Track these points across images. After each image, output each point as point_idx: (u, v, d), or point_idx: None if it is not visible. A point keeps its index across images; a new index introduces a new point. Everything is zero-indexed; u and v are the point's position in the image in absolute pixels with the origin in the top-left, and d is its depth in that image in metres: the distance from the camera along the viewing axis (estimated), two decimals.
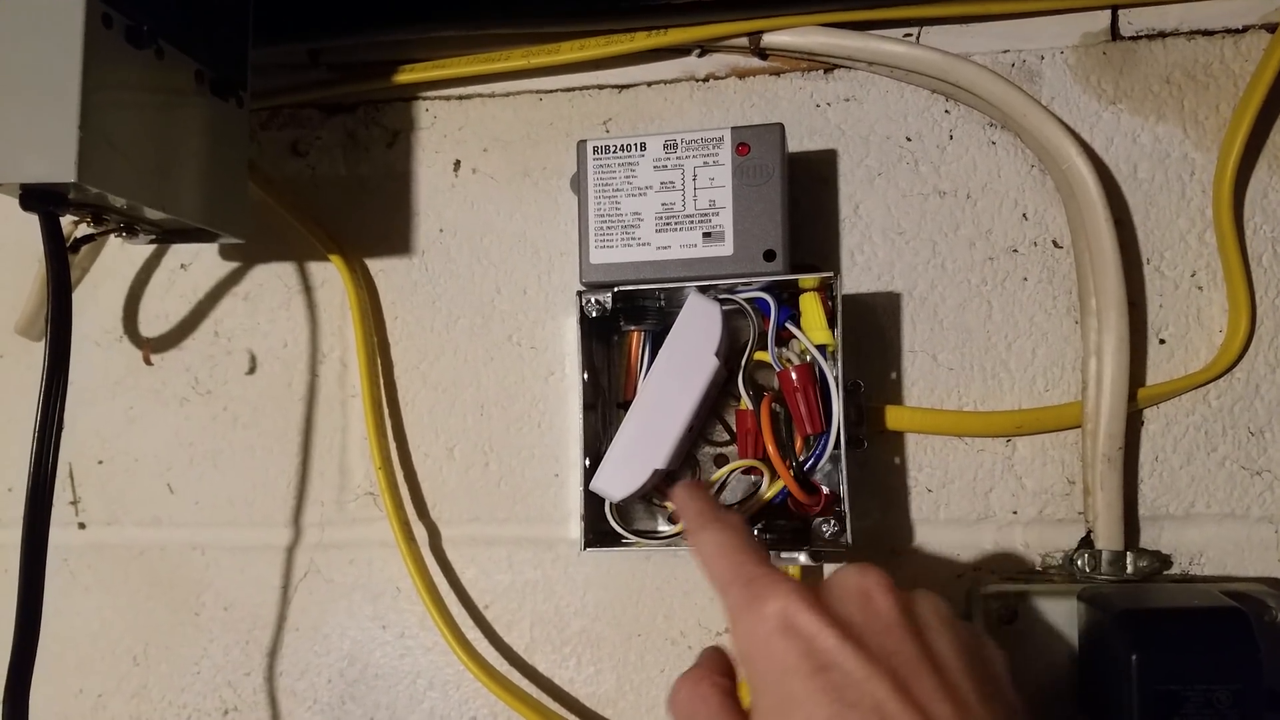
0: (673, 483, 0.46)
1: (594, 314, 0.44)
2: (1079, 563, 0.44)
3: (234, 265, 0.54)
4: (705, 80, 0.50)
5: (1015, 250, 0.47)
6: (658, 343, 0.44)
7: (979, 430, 0.46)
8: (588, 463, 0.43)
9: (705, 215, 0.43)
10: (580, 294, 0.43)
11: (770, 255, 0.42)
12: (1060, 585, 0.43)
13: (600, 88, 0.51)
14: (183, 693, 0.53)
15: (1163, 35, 0.46)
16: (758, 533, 0.43)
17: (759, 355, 0.43)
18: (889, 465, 0.47)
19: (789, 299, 0.43)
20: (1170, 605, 0.39)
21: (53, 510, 0.39)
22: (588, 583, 0.49)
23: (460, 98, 0.52)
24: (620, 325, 0.46)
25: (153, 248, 0.55)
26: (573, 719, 0.48)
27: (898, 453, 0.47)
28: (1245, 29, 0.46)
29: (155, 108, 0.41)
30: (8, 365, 0.56)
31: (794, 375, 0.42)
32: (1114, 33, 0.47)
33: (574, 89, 0.51)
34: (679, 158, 0.43)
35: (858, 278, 0.47)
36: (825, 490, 0.43)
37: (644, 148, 0.44)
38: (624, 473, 0.42)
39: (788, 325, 0.43)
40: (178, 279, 0.54)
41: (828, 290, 0.42)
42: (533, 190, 0.51)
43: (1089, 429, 0.44)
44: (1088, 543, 0.44)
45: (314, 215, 0.52)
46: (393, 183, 0.52)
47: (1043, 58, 0.47)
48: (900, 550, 0.46)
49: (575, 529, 0.43)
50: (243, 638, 0.52)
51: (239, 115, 0.46)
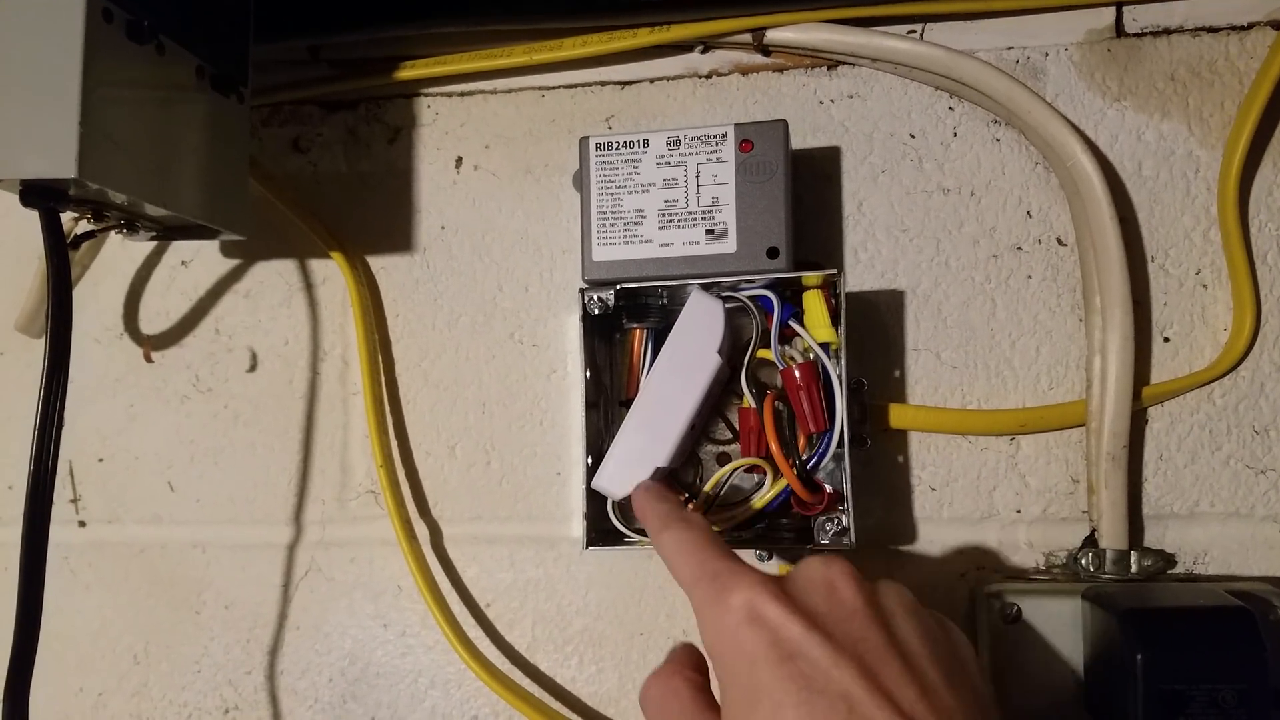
0: (676, 480, 0.46)
1: (596, 311, 0.43)
2: (1083, 562, 0.44)
3: (235, 262, 0.54)
4: (708, 77, 0.50)
5: (1019, 248, 0.46)
6: (660, 340, 0.44)
7: (983, 429, 0.46)
8: (590, 461, 0.43)
9: (708, 212, 0.43)
10: (582, 291, 0.43)
11: (774, 252, 0.42)
12: (1064, 584, 0.43)
13: (603, 84, 0.51)
14: (183, 691, 0.53)
15: (1167, 32, 0.46)
16: (761, 533, 0.43)
17: (762, 353, 0.43)
18: (892, 464, 0.46)
19: (792, 296, 0.43)
20: (1175, 604, 0.39)
21: (53, 508, 0.39)
22: (590, 581, 0.49)
23: (462, 94, 0.52)
24: (623, 323, 0.46)
25: (153, 244, 0.54)
26: (575, 718, 0.48)
27: (901, 451, 0.47)
28: (1250, 26, 0.46)
29: (156, 103, 0.40)
30: (8, 362, 0.56)
31: (797, 373, 0.42)
32: (1118, 29, 0.47)
33: (576, 85, 0.51)
34: (682, 154, 0.43)
35: (861, 275, 0.47)
36: (828, 489, 0.43)
37: (647, 144, 0.44)
38: (626, 471, 0.41)
39: (791, 323, 0.43)
40: (178, 276, 0.54)
41: (831, 288, 0.42)
42: (535, 187, 0.51)
43: (1093, 427, 0.44)
44: (1092, 542, 0.44)
45: (315, 212, 0.52)
46: (394, 180, 0.52)
47: (1047, 54, 0.47)
48: (903, 549, 0.46)
49: (577, 527, 0.43)
50: (244, 636, 0.52)
51: (240, 111, 0.46)
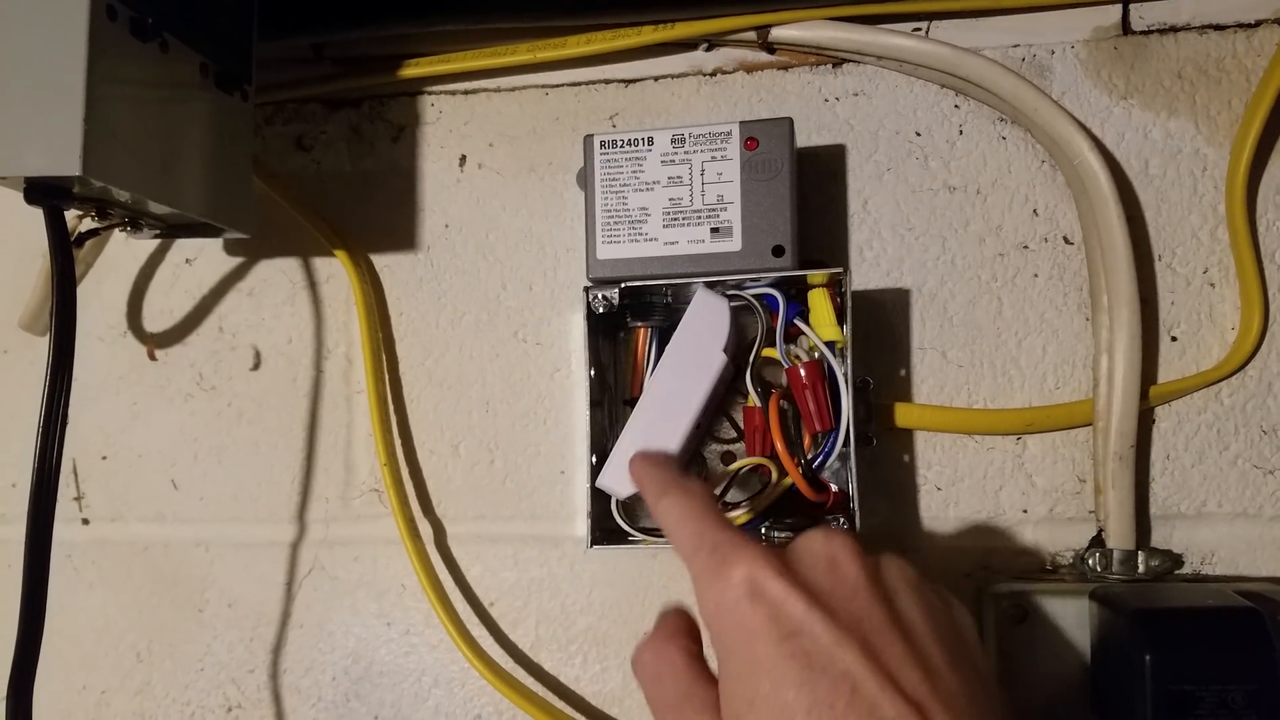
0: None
1: (600, 310, 0.43)
2: (1090, 562, 0.43)
3: (238, 260, 0.54)
4: (712, 75, 0.50)
5: (1026, 246, 0.46)
6: (664, 339, 0.44)
7: (989, 428, 0.45)
8: (594, 460, 0.43)
9: (713, 210, 0.43)
10: (587, 290, 0.43)
11: (779, 251, 0.42)
12: (1071, 584, 0.43)
13: (607, 82, 0.51)
14: (186, 690, 0.52)
15: (1174, 30, 0.46)
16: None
17: (767, 352, 0.43)
18: (898, 463, 0.46)
19: (797, 295, 0.43)
20: (1184, 605, 0.38)
21: (57, 506, 0.39)
22: (593, 580, 0.49)
23: (466, 92, 0.52)
24: (627, 321, 0.46)
25: (157, 243, 0.54)
26: (578, 717, 0.48)
27: (907, 450, 0.46)
28: (1258, 23, 0.45)
29: (160, 101, 0.40)
30: (11, 360, 0.56)
31: (802, 372, 0.42)
32: (1125, 27, 0.46)
33: (580, 83, 0.51)
34: (687, 152, 0.43)
35: (867, 274, 0.47)
36: (834, 488, 0.43)
37: (651, 142, 0.43)
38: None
39: (796, 321, 0.42)
40: (182, 274, 0.54)
41: (836, 286, 0.42)
42: (539, 185, 0.51)
43: (1100, 427, 0.44)
44: (1099, 542, 0.44)
45: (319, 210, 0.52)
46: (398, 178, 0.52)
47: (1053, 52, 0.47)
48: (909, 549, 0.46)
49: (581, 526, 0.43)
50: (247, 635, 0.52)
51: (244, 109, 0.46)
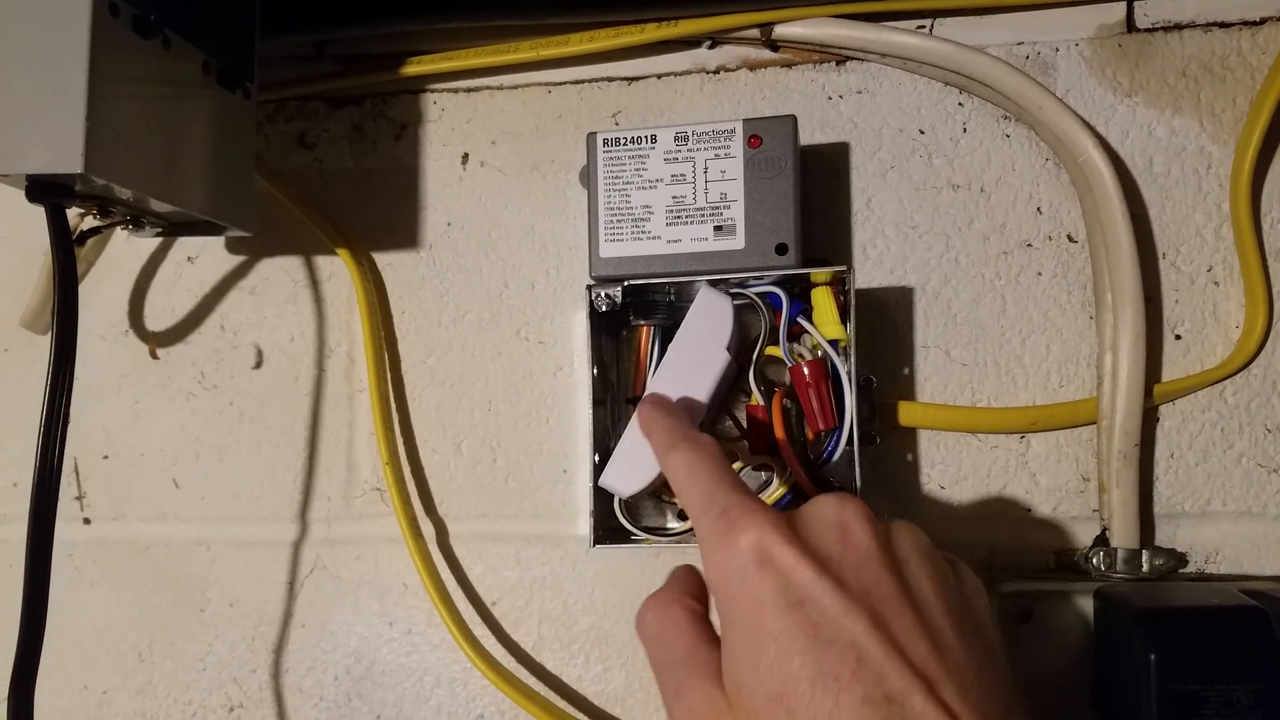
0: None
1: (603, 308, 0.43)
2: (1094, 560, 0.43)
3: (240, 259, 0.53)
4: (716, 72, 0.49)
5: (1030, 245, 0.46)
6: (667, 337, 0.44)
7: (993, 426, 0.45)
8: (596, 458, 0.43)
9: (716, 208, 0.43)
10: (589, 288, 0.43)
11: (782, 249, 0.42)
12: (1075, 583, 0.43)
13: (610, 80, 0.50)
14: (188, 689, 0.52)
15: (1179, 27, 0.46)
16: None
17: (770, 350, 0.43)
18: (902, 462, 0.46)
19: (801, 293, 0.43)
20: (1189, 604, 0.38)
21: (58, 505, 0.39)
22: (596, 579, 0.49)
23: (468, 90, 0.52)
24: (630, 320, 0.46)
25: (159, 241, 0.54)
26: (581, 717, 0.48)
27: (910, 449, 0.46)
28: (1263, 21, 0.45)
29: (162, 99, 0.40)
30: (13, 359, 0.56)
31: (806, 370, 0.42)
32: (1129, 24, 0.46)
33: (583, 81, 0.51)
34: (690, 150, 0.43)
35: (870, 272, 0.47)
36: (837, 487, 0.42)
37: (654, 140, 0.43)
38: (633, 469, 0.41)
39: (799, 320, 0.42)
40: (184, 272, 0.54)
41: (840, 284, 0.42)
42: (541, 183, 0.51)
43: (1104, 425, 0.43)
44: (1103, 540, 0.44)
45: (321, 209, 0.52)
46: (400, 176, 0.52)
47: (1057, 50, 0.46)
48: None
49: (584, 525, 0.43)
50: (248, 634, 0.52)
51: (246, 107, 0.46)
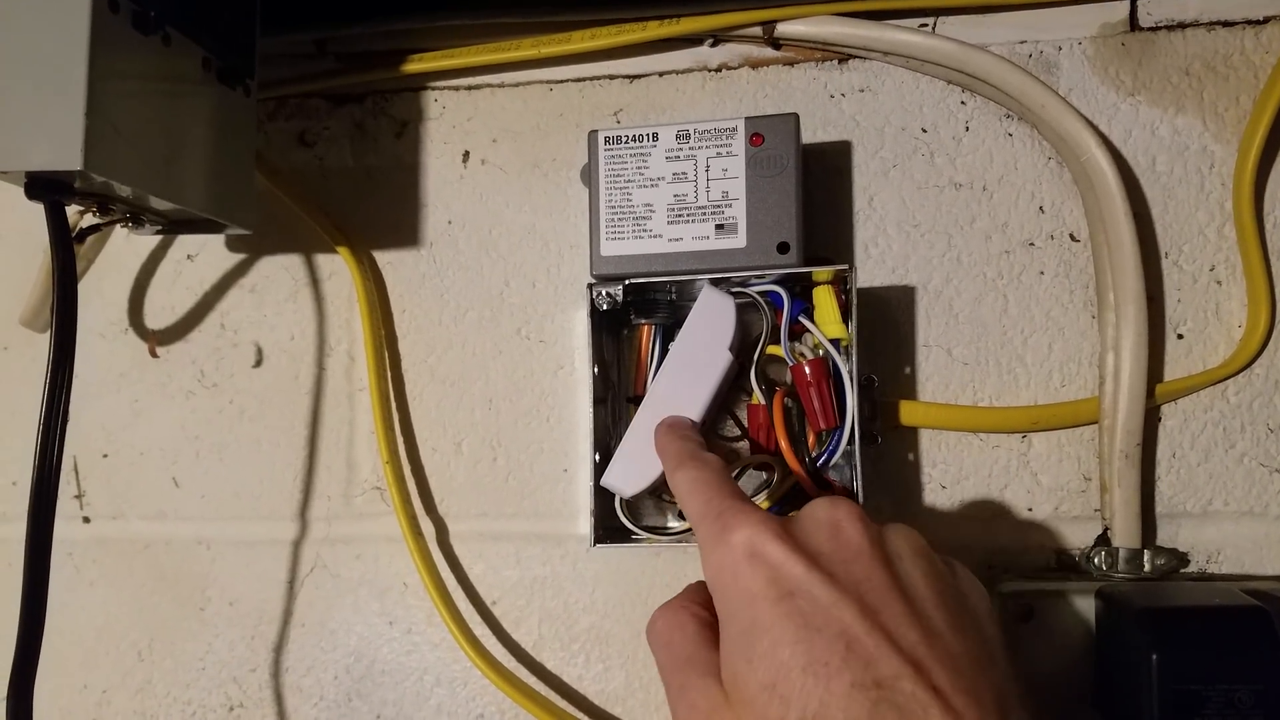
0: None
1: (604, 307, 0.43)
2: (1095, 560, 0.43)
3: (240, 257, 0.53)
4: (718, 70, 0.49)
5: (1032, 244, 0.46)
6: (668, 336, 0.44)
7: (994, 426, 0.45)
8: (597, 458, 0.43)
9: (718, 207, 0.42)
10: (590, 287, 0.43)
11: (784, 248, 0.42)
12: (1077, 583, 0.43)
13: (611, 78, 0.50)
14: (188, 689, 0.52)
15: (1182, 26, 0.46)
16: None
17: (771, 349, 0.43)
18: (903, 461, 0.46)
19: (802, 292, 0.43)
20: (1190, 604, 0.38)
21: (57, 504, 0.39)
22: (597, 579, 0.49)
23: (469, 88, 0.52)
24: (630, 318, 0.45)
25: (158, 239, 0.54)
26: (581, 717, 0.48)
27: (912, 448, 0.46)
28: (1266, 20, 0.45)
29: (162, 95, 0.40)
30: (12, 357, 0.56)
31: (807, 370, 0.41)
32: (1133, 23, 0.46)
33: (585, 79, 0.50)
34: (692, 148, 0.43)
35: (872, 271, 0.47)
36: (838, 486, 0.42)
37: (656, 138, 0.43)
38: (634, 468, 0.41)
39: (801, 319, 0.42)
40: (184, 270, 0.54)
41: (842, 283, 0.42)
42: (542, 181, 0.51)
43: (1106, 425, 0.43)
44: (1104, 540, 0.44)
45: (321, 206, 0.52)
46: (401, 174, 0.52)
47: (1060, 48, 0.46)
48: None
49: (584, 525, 0.43)
50: (248, 633, 0.52)
51: (246, 104, 0.46)
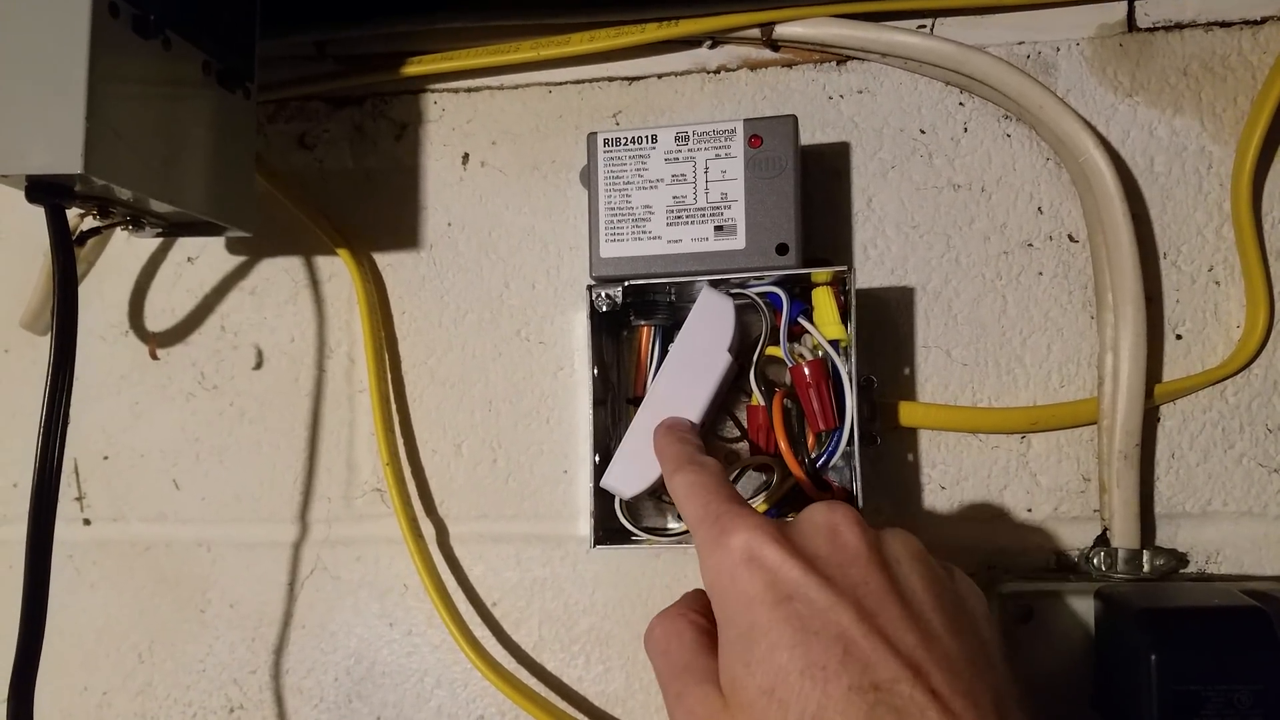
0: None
1: (604, 308, 0.43)
2: (1095, 561, 0.43)
3: (240, 259, 0.53)
4: (716, 72, 0.49)
5: (1030, 244, 0.46)
6: (668, 338, 0.44)
7: (993, 427, 0.45)
8: (597, 459, 0.43)
9: (717, 208, 0.42)
10: (590, 288, 0.43)
11: (783, 249, 0.42)
12: (1076, 584, 0.43)
13: (610, 80, 0.50)
14: (188, 690, 0.52)
15: (1180, 27, 0.46)
16: None
17: (771, 350, 0.43)
18: (902, 462, 0.46)
19: (801, 293, 0.43)
20: (1190, 604, 0.38)
21: (58, 506, 0.39)
22: (597, 580, 0.49)
23: (469, 90, 0.52)
24: (630, 320, 0.46)
25: (159, 241, 0.54)
26: (581, 718, 0.48)
27: (911, 449, 0.46)
28: (1264, 20, 0.45)
29: (162, 99, 0.40)
30: (12, 360, 0.56)
31: (806, 371, 0.41)
32: (1130, 24, 0.46)
33: (584, 81, 0.51)
34: (690, 150, 0.43)
35: (871, 272, 0.47)
36: (838, 487, 0.42)
37: (655, 140, 0.43)
38: (634, 470, 0.41)
39: (800, 320, 0.42)
40: (184, 273, 0.54)
41: (841, 285, 0.42)
42: (542, 183, 0.51)
43: (1105, 425, 0.43)
44: (1104, 541, 0.44)
45: (321, 209, 0.52)
46: (400, 176, 0.52)
47: (1058, 49, 0.46)
48: None
49: (584, 526, 0.43)
50: (249, 635, 0.52)
51: (246, 107, 0.46)
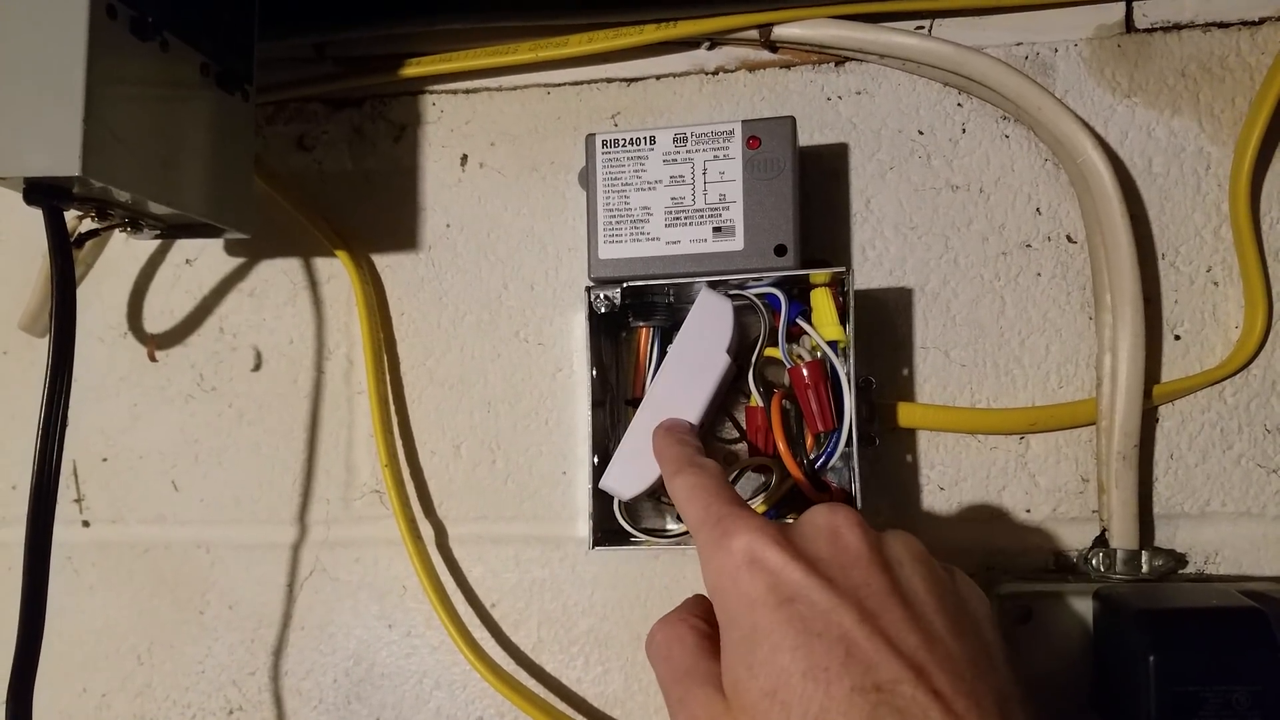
0: None
1: (602, 310, 0.43)
2: (1094, 562, 0.43)
3: (239, 261, 0.53)
4: (715, 73, 0.49)
5: (1029, 245, 0.46)
6: (666, 339, 0.44)
7: (992, 427, 0.45)
8: (596, 460, 0.43)
9: (715, 209, 0.42)
10: (588, 289, 0.43)
11: (781, 250, 0.42)
12: (1075, 584, 0.43)
13: (609, 81, 0.50)
14: (187, 692, 0.52)
15: (1178, 27, 0.46)
16: None
17: (769, 351, 0.43)
18: (901, 463, 0.46)
19: (800, 294, 0.43)
20: (1188, 605, 0.38)
21: (57, 508, 0.39)
22: (595, 581, 0.49)
23: (467, 91, 0.52)
24: (629, 321, 0.46)
25: (157, 243, 0.54)
26: (580, 719, 0.48)
27: (910, 450, 0.46)
28: (1261, 21, 0.45)
29: (160, 101, 0.40)
30: (11, 362, 0.56)
31: (805, 372, 0.42)
32: (1128, 25, 0.46)
33: (582, 82, 0.51)
34: (689, 151, 0.43)
35: (869, 273, 0.47)
36: (836, 488, 0.42)
37: (653, 141, 0.43)
38: (633, 471, 0.41)
39: (799, 321, 0.42)
40: (183, 275, 0.54)
41: (839, 286, 0.42)
42: (540, 185, 0.51)
43: (1103, 426, 0.43)
44: (1102, 541, 0.44)
45: (320, 210, 0.52)
46: (399, 178, 0.52)
47: (1056, 50, 0.46)
48: None
49: (583, 527, 0.43)
50: (248, 636, 0.52)
51: (245, 109, 0.46)
